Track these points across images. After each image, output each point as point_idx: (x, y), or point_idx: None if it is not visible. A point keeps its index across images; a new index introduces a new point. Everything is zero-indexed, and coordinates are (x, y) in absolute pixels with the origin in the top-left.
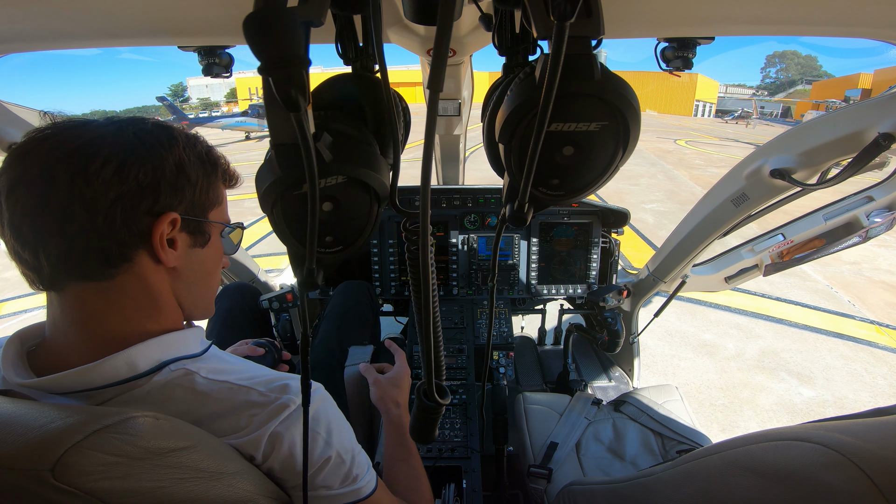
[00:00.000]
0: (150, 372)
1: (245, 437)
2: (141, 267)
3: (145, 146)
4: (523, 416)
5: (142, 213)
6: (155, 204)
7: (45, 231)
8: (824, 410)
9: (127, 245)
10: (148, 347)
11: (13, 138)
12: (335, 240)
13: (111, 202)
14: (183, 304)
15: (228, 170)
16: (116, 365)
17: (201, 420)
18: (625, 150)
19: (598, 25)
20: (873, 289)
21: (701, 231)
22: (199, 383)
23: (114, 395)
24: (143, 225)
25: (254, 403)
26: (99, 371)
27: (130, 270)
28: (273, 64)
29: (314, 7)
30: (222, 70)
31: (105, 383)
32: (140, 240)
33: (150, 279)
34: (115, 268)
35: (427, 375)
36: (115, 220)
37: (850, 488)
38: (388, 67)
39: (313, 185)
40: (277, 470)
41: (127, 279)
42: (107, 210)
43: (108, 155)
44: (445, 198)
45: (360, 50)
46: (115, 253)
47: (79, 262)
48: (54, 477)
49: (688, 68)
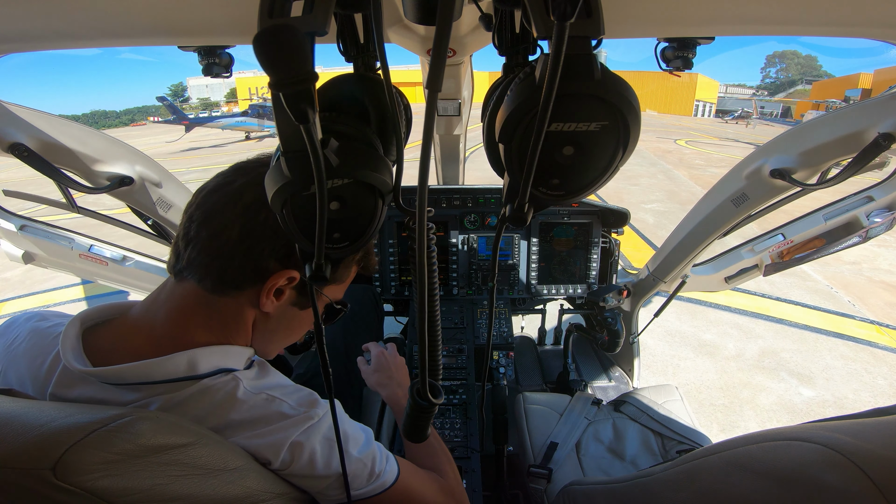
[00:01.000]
0: (206, 375)
1: (262, 439)
2: (243, 300)
3: None
4: (523, 416)
5: (274, 258)
6: (287, 258)
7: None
8: (824, 410)
9: (245, 277)
10: (211, 353)
11: (13, 138)
12: (342, 236)
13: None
14: (255, 340)
15: (371, 259)
16: (178, 363)
17: (230, 424)
18: (625, 150)
19: (598, 25)
20: (873, 289)
21: (701, 231)
22: (241, 390)
23: (164, 391)
24: (268, 268)
25: (284, 415)
26: (163, 366)
27: (234, 299)
28: (283, 81)
29: (318, 18)
30: (222, 70)
31: (163, 378)
32: (258, 279)
33: (245, 311)
34: (226, 288)
35: (421, 374)
36: (252, 251)
37: (850, 488)
38: (388, 67)
39: (322, 188)
40: (299, 478)
41: (228, 302)
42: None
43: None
44: (445, 198)
45: (361, 47)
46: (233, 278)
47: (205, 267)
48: (55, 476)
49: (688, 68)
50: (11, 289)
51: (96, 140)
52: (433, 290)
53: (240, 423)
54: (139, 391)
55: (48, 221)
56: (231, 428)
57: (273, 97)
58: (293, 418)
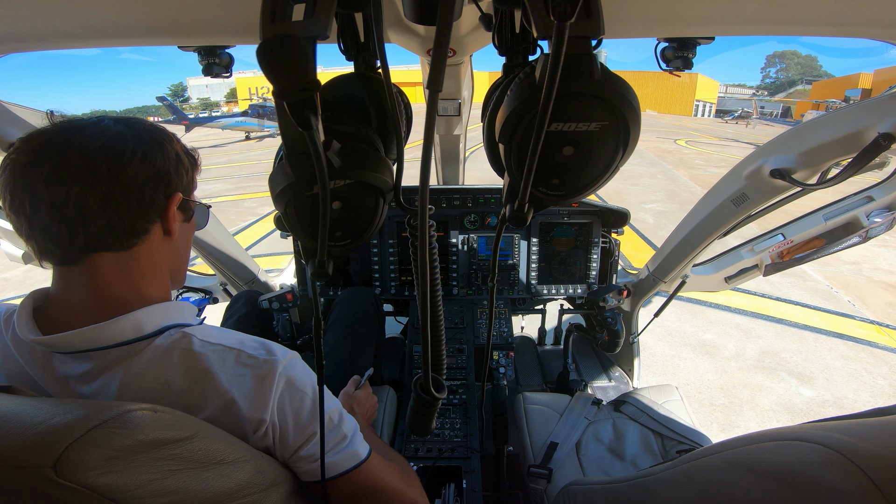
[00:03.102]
0: (153, 335)
1: (250, 403)
2: (153, 237)
3: (156, 140)
4: (523, 416)
5: (160, 194)
6: (168, 186)
7: (90, 211)
8: (824, 410)
9: (148, 220)
10: (152, 312)
11: (13, 138)
12: (344, 234)
13: (140, 186)
14: (172, 273)
15: (198, 161)
16: (123, 326)
17: (197, 378)
18: (625, 150)
19: (598, 25)
20: (873, 289)
21: (701, 231)
22: (195, 345)
23: (118, 356)
24: (161, 203)
25: (243, 364)
26: (107, 331)
27: (145, 241)
28: (288, 90)
29: (320, 22)
30: (222, 70)
31: (111, 343)
32: (157, 215)
33: (157, 248)
34: (136, 238)
35: (424, 368)
36: (143, 200)
37: (850, 488)
38: (389, 67)
39: (324, 190)
40: (273, 439)
41: (141, 249)
42: (138, 192)
43: (133, 148)
44: (445, 198)
45: (361, 47)
46: (138, 226)
47: (112, 234)
48: (56, 474)
49: (688, 68)
50: (11, 289)
51: None
52: (435, 284)
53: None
54: (93, 360)
55: None
56: (199, 385)
57: (277, 104)
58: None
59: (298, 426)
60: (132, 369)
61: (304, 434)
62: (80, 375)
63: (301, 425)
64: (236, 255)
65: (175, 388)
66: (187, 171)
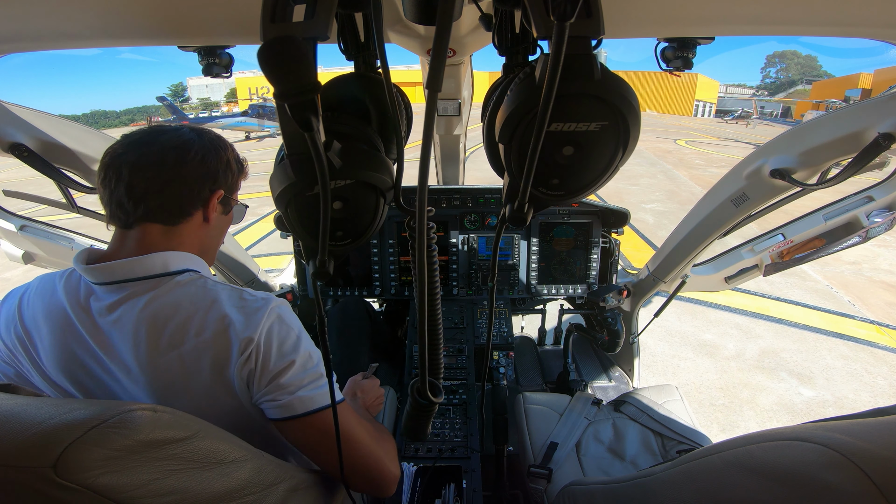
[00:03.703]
0: (176, 273)
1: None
2: (194, 220)
3: (215, 147)
4: (523, 416)
5: (207, 187)
6: (214, 183)
7: (151, 190)
8: (824, 410)
9: (194, 205)
10: (178, 256)
11: (13, 138)
12: (345, 234)
13: (195, 178)
14: (203, 251)
15: (245, 169)
16: (154, 261)
17: (203, 306)
18: (625, 150)
19: (598, 25)
20: (873, 289)
21: (701, 231)
22: (208, 283)
23: (147, 287)
24: (207, 194)
25: (244, 299)
26: (141, 264)
27: (188, 222)
28: (289, 92)
29: (320, 23)
30: (222, 70)
31: (144, 275)
32: (202, 203)
33: (196, 229)
34: (182, 217)
35: (421, 373)
36: (193, 189)
37: (850, 488)
38: (389, 67)
39: (325, 190)
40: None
41: (183, 227)
42: (191, 183)
43: (197, 149)
44: (445, 198)
45: (361, 47)
46: (187, 209)
47: (164, 212)
48: (56, 474)
49: (688, 68)
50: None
51: (96, 140)
52: (434, 289)
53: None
54: (124, 290)
55: (48, 221)
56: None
57: (278, 106)
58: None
59: (281, 353)
60: (153, 297)
61: (284, 361)
62: (108, 306)
63: (283, 352)
64: (236, 255)
65: (183, 311)
66: (234, 174)
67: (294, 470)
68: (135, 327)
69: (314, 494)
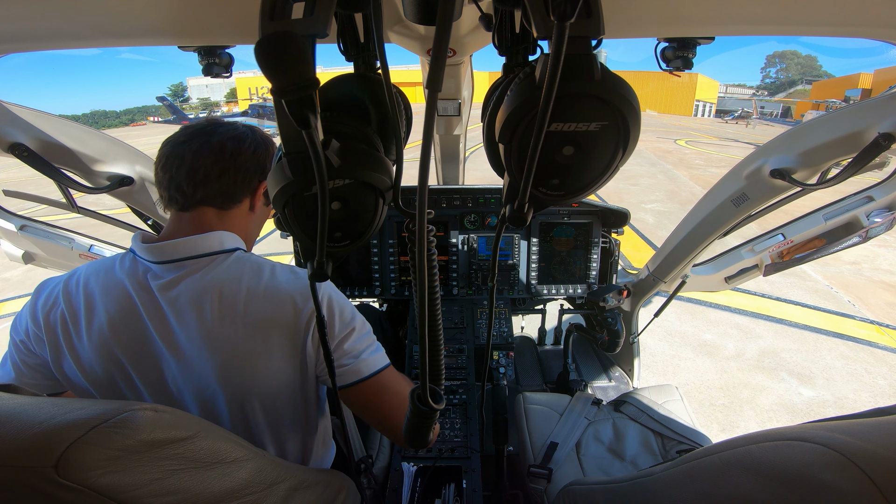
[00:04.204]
0: (231, 250)
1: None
2: (242, 207)
3: (264, 141)
4: (523, 416)
5: (256, 177)
6: (262, 175)
7: (211, 176)
8: (824, 410)
9: (244, 193)
10: (231, 237)
11: (13, 138)
12: (343, 234)
13: (247, 169)
14: (246, 236)
15: None
16: (212, 240)
17: (260, 276)
18: (625, 150)
19: (598, 25)
20: (873, 289)
21: (701, 231)
22: (259, 259)
23: (205, 263)
24: (255, 184)
25: (294, 272)
26: (200, 242)
27: (237, 208)
28: (286, 88)
29: (319, 20)
30: (222, 70)
31: (203, 252)
32: (251, 192)
33: (242, 215)
34: (233, 203)
35: (422, 379)
36: (245, 177)
37: (850, 488)
38: (388, 67)
39: (324, 190)
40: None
41: (233, 212)
42: (244, 172)
43: (250, 142)
44: (445, 198)
45: (361, 47)
46: (238, 194)
47: (220, 196)
48: (58, 473)
49: (688, 68)
50: (11, 289)
51: (96, 140)
52: (434, 294)
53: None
54: (183, 267)
55: (48, 221)
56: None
57: (275, 102)
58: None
59: (343, 321)
60: (213, 271)
61: (347, 328)
62: (166, 283)
63: (345, 321)
64: None
65: (244, 283)
66: None
67: (295, 469)
68: (198, 300)
69: (315, 494)
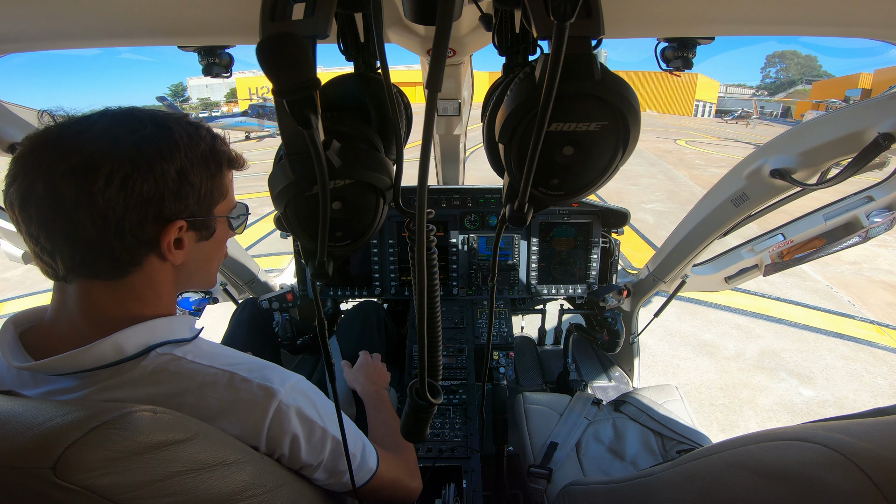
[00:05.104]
0: (137, 356)
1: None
2: (149, 267)
3: (146, 159)
4: (523, 416)
5: (149, 223)
6: (161, 213)
7: (59, 240)
8: (824, 410)
9: (136, 252)
10: (134, 332)
11: (13, 138)
12: (344, 234)
13: (119, 216)
14: (188, 285)
15: (233, 157)
16: (104, 349)
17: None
18: (625, 150)
19: (598, 25)
20: (873, 289)
21: (701, 231)
22: (185, 367)
23: (105, 377)
24: (151, 233)
25: (236, 388)
26: (88, 354)
27: (139, 271)
28: (287, 88)
29: (320, 21)
30: (222, 70)
31: (94, 366)
32: (149, 246)
33: (157, 276)
34: (125, 271)
35: (420, 373)
36: (123, 231)
37: (850, 488)
38: (388, 67)
39: (324, 189)
40: (286, 460)
41: (135, 278)
42: (116, 223)
43: (110, 172)
44: (445, 198)
45: (361, 47)
46: (126, 259)
47: (90, 266)
48: (56, 475)
49: (688, 68)
50: (11, 289)
51: None
52: (433, 290)
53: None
54: (82, 381)
55: None
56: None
57: (276, 103)
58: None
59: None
60: (115, 391)
61: (318, 457)
62: (63, 390)
63: (312, 450)
64: (236, 254)
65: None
66: (198, 188)
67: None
68: None
69: (319, 498)
